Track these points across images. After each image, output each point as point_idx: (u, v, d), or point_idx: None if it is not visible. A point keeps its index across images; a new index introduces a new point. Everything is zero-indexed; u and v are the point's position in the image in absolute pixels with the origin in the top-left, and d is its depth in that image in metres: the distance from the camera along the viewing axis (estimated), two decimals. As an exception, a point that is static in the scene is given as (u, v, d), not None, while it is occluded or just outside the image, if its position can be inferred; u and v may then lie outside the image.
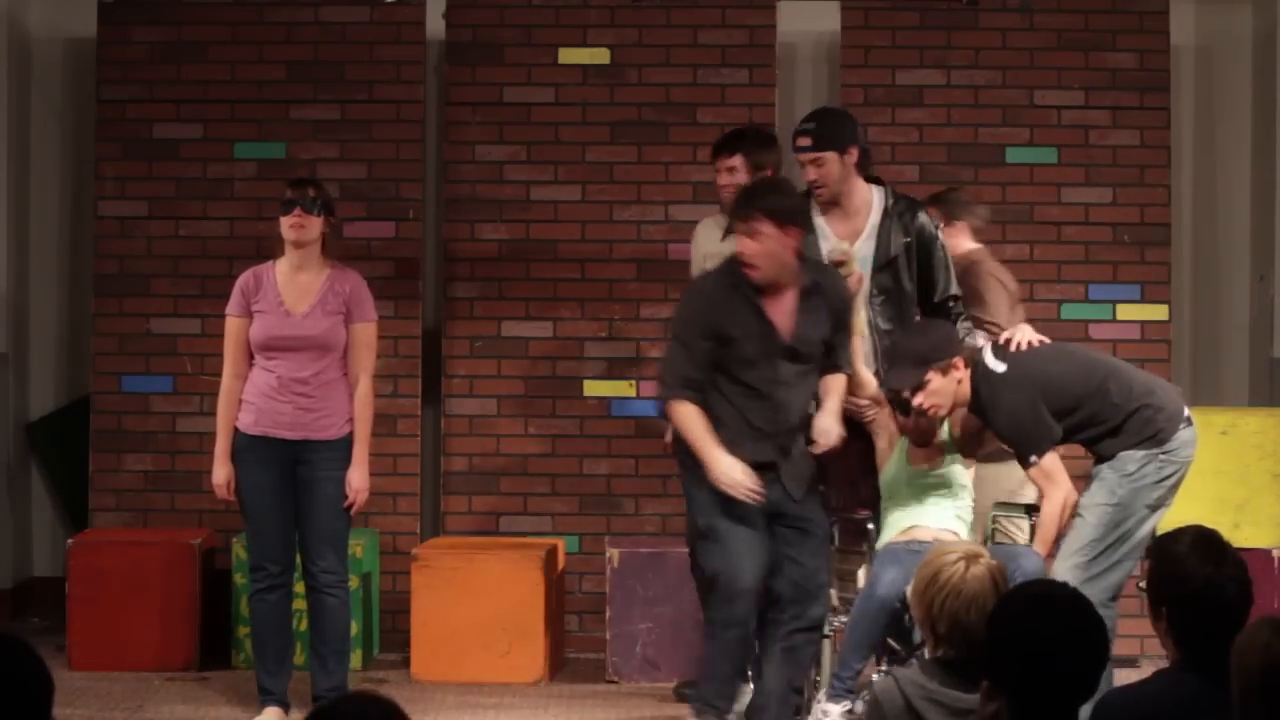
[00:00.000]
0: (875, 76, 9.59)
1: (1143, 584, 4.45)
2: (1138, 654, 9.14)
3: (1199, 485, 8.91)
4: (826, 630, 7.34)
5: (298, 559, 7.83)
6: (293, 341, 7.68)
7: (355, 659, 8.87)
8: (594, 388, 9.55)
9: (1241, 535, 8.63)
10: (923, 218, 7.50)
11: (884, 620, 7.07)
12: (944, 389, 7.02)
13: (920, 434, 7.35)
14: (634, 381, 9.54)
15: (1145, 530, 7.09)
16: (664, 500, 9.41)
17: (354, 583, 8.94)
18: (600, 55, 9.63)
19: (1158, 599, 4.36)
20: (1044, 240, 9.54)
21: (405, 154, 9.61)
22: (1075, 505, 7.07)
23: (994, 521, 7.56)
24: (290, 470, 7.69)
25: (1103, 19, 9.56)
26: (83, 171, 9.99)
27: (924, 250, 7.46)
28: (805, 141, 7.44)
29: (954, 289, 7.53)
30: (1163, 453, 7.06)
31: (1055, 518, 7.05)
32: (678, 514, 9.26)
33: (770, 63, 9.62)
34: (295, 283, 7.76)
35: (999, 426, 7.09)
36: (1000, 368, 7.02)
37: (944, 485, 7.39)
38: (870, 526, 7.49)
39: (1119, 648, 9.12)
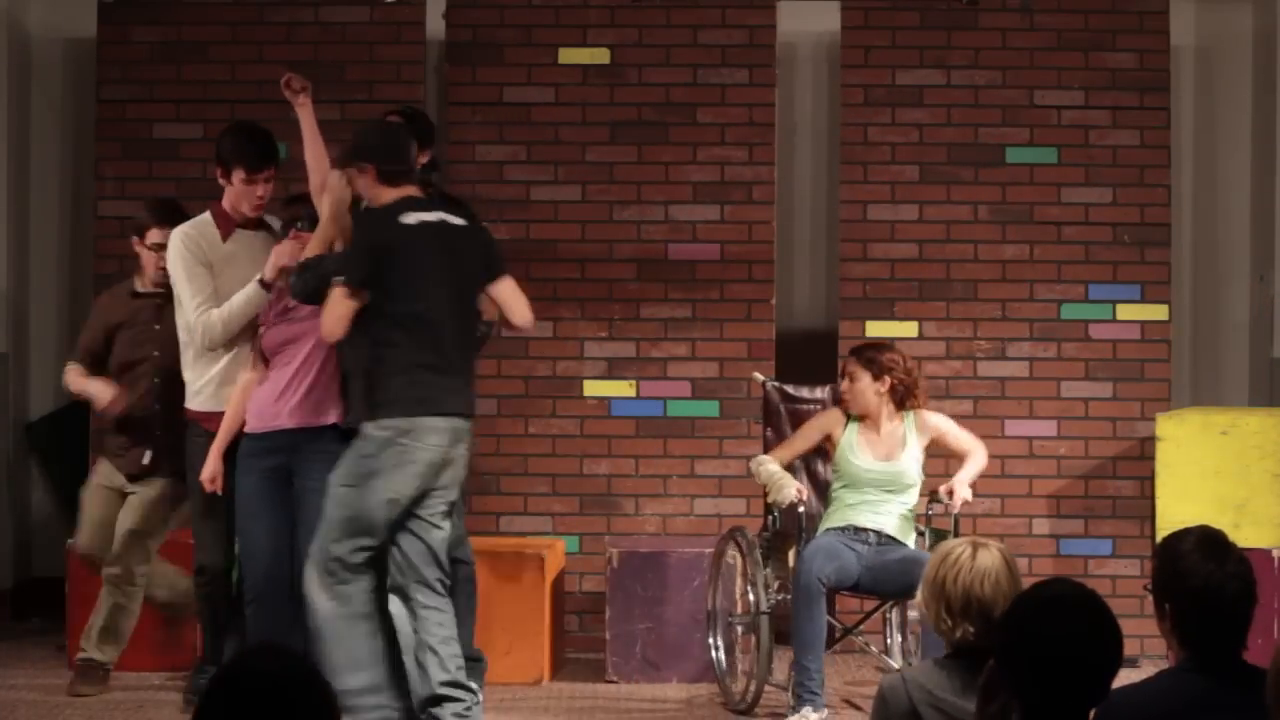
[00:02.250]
0: (875, 76, 9.59)
1: (1147, 584, 4.45)
2: (1138, 654, 9.14)
3: (1199, 485, 8.93)
4: (764, 608, 7.95)
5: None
6: (290, 336, 7.66)
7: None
8: (594, 388, 9.55)
9: (1241, 535, 8.61)
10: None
11: (817, 607, 7.65)
12: (361, 186, 7.34)
13: (855, 399, 8.14)
14: (634, 381, 9.54)
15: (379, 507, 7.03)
16: (664, 500, 9.42)
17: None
18: (600, 55, 9.63)
19: (1162, 597, 4.37)
20: (1044, 240, 9.54)
21: (405, 154, 9.60)
22: None
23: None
24: (286, 478, 7.60)
25: (1103, 19, 9.57)
26: (83, 171, 9.99)
27: None
28: None
29: None
30: (406, 431, 7.02)
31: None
32: (678, 514, 9.30)
33: (770, 63, 9.62)
34: None
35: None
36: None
37: (897, 482, 8.05)
38: (801, 510, 8.02)
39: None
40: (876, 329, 9.51)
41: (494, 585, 8.73)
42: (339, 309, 7.09)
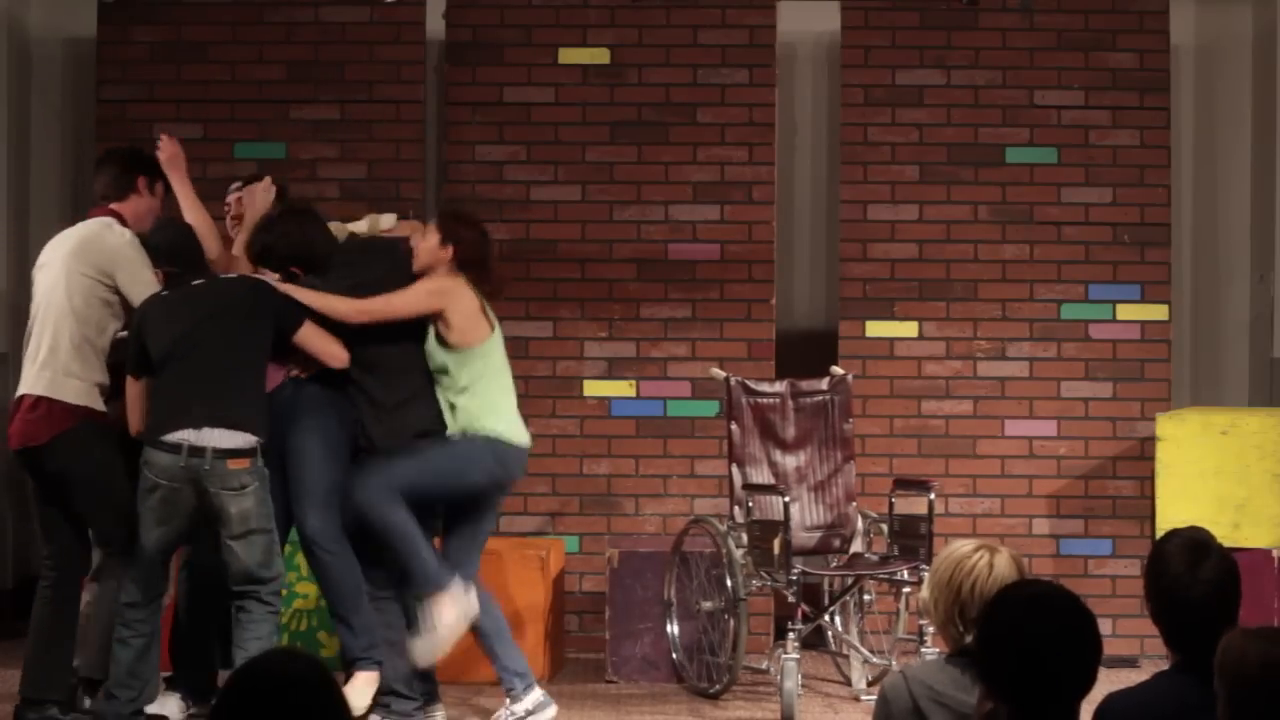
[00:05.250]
0: (875, 76, 9.59)
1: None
2: (1138, 654, 9.15)
3: (1199, 485, 8.93)
4: (742, 594, 8.25)
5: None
6: None
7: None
8: (594, 388, 9.56)
9: (1241, 535, 8.64)
10: None
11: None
12: None
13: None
14: (634, 381, 9.54)
15: (152, 539, 7.26)
16: (664, 500, 9.42)
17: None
18: (600, 55, 9.64)
19: (1146, 598, 4.42)
20: (1044, 240, 9.55)
21: (405, 154, 9.62)
22: None
23: None
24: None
25: (1103, 19, 9.57)
26: (83, 171, 9.98)
27: None
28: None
29: None
30: (145, 462, 7.23)
31: None
32: (678, 514, 9.29)
33: (770, 63, 9.62)
34: None
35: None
36: None
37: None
38: (786, 501, 8.14)
39: (1119, 648, 9.15)
40: (876, 329, 9.52)
41: (494, 586, 8.73)
42: (131, 399, 7.35)
